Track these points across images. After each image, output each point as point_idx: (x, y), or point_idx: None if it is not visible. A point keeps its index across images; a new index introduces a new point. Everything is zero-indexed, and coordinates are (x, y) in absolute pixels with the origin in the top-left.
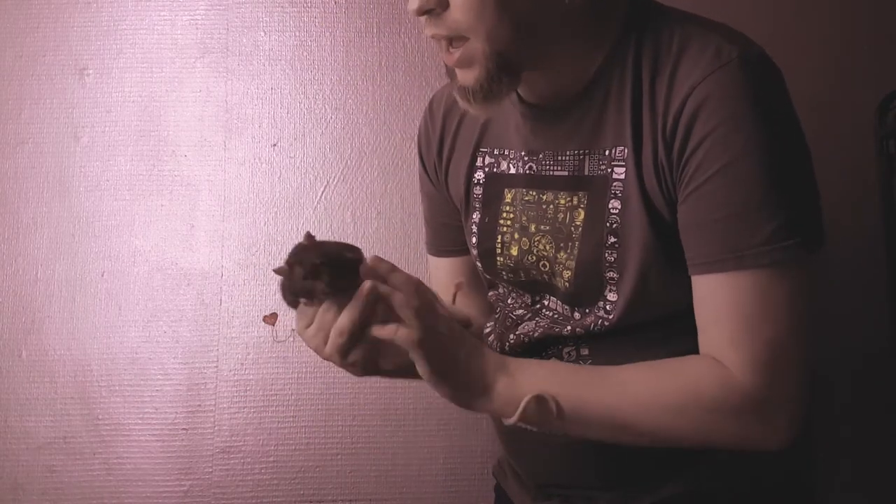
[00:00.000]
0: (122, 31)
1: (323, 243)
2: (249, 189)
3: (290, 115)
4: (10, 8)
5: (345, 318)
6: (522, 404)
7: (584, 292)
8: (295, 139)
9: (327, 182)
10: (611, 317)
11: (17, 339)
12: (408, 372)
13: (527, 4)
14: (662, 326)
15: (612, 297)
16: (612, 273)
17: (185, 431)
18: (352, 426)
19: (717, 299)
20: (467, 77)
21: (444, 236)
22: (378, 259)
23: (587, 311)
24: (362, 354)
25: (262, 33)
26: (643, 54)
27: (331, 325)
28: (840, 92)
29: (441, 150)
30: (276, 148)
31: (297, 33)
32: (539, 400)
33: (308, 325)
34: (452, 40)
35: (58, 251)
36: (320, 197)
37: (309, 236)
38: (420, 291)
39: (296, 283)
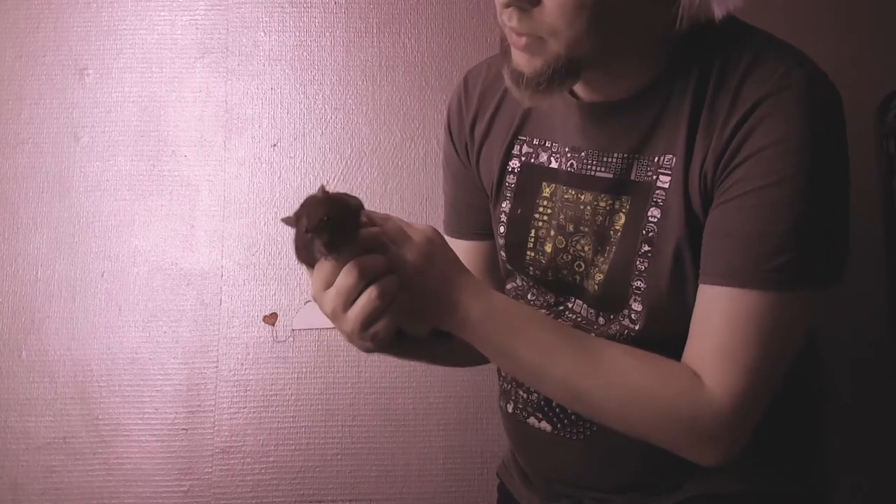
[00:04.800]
0: (122, 31)
1: (333, 197)
2: (249, 189)
3: (290, 115)
4: (10, 8)
5: (348, 275)
6: None
7: (610, 299)
8: (295, 139)
9: (327, 182)
10: (636, 327)
11: (17, 339)
12: (421, 348)
13: (620, 19)
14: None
15: (636, 306)
16: (639, 282)
17: (184, 431)
18: (352, 426)
19: (714, 311)
20: (526, 64)
21: (468, 218)
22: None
23: (612, 317)
24: (385, 325)
25: (262, 33)
26: (710, 68)
27: (348, 287)
28: (840, 92)
29: (474, 130)
30: (276, 148)
31: (297, 33)
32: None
33: (325, 288)
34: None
35: (58, 251)
36: None
37: (323, 190)
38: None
39: (301, 238)
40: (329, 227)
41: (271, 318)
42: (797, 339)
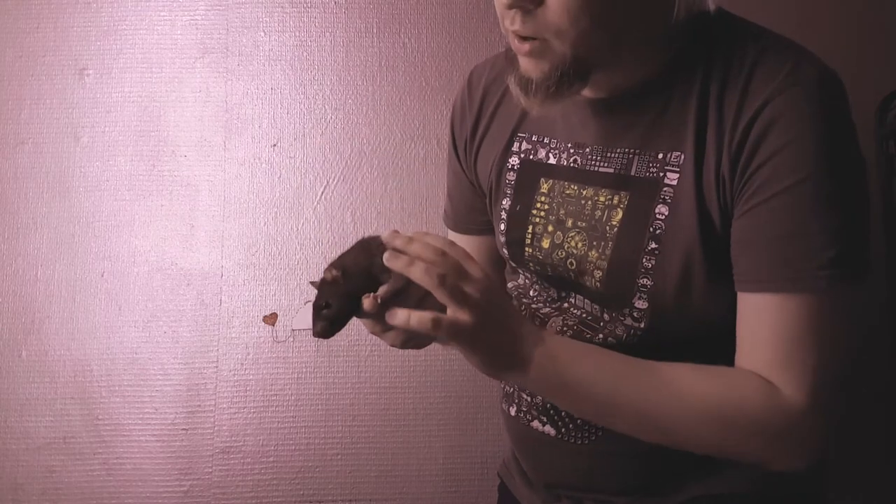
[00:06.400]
0: (122, 31)
1: (348, 290)
2: (249, 189)
3: (290, 115)
4: (10, 8)
5: (370, 326)
6: None
7: (613, 296)
8: (295, 139)
9: (327, 182)
10: (641, 325)
11: (17, 339)
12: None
13: (622, 13)
14: (698, 343)
15: (640, 304)
16: (645, 280)
17: (184, 432)
18: (352, 426)
19: (765, 319)
20: (533, 68)
21: (467, 217)
22: (392, 251)
23: (614, 314)
24: (422, 342)
25: (262, 33)
26: (714, 64)
27: (379, 331)
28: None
29: (476, 128)
30: (276, 148)
31: (297, 33)
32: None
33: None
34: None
35: (58, 251)
36: (320, 197)
37: (344, 275)
38: (445, 263)
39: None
40: (327, 316)
41: (271, 318)
42: (853, 333)
